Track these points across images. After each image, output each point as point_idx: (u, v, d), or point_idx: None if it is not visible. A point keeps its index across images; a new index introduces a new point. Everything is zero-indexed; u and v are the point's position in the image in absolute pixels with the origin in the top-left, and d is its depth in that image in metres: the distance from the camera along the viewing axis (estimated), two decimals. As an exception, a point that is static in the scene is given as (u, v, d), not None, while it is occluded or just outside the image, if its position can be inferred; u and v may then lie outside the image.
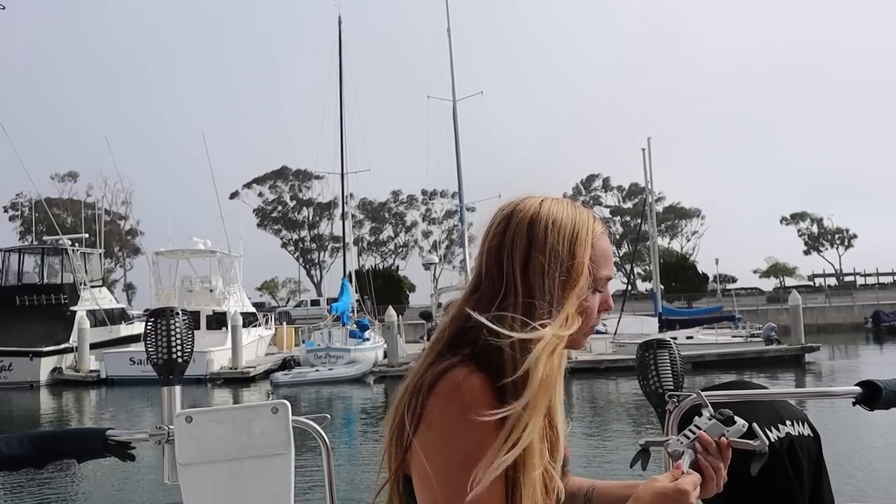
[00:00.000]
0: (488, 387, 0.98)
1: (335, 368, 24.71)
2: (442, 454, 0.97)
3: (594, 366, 23.45)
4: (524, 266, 1.05)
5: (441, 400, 0.98)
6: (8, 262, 30.40)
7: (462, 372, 0.99)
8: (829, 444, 1.43)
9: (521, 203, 1.11)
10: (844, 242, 70.74)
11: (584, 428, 13.96)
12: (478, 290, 1.09)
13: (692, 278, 56.93)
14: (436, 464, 0.97)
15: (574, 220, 1.09)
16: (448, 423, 0.97)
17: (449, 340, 1.07)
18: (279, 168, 71.08)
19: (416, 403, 1.01)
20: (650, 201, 33.83)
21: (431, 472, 0.97)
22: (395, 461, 1.04)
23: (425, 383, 1.01)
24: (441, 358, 1.04)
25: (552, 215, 1.08)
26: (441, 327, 1.10)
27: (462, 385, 0.98)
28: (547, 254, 1.05)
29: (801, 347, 25.73)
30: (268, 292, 68.75)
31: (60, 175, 65.30)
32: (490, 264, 1.08)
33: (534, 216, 1.08)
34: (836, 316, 45.58)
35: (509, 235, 1.07)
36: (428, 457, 0.98)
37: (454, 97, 34.98)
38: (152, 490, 8.99)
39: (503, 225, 1.09)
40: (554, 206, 1.10)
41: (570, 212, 1.10)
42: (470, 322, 1.05)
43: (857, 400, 1.53)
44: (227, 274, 31.70)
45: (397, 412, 1.05)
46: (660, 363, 1.67)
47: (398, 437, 1.03)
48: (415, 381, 1.04)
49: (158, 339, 1.72)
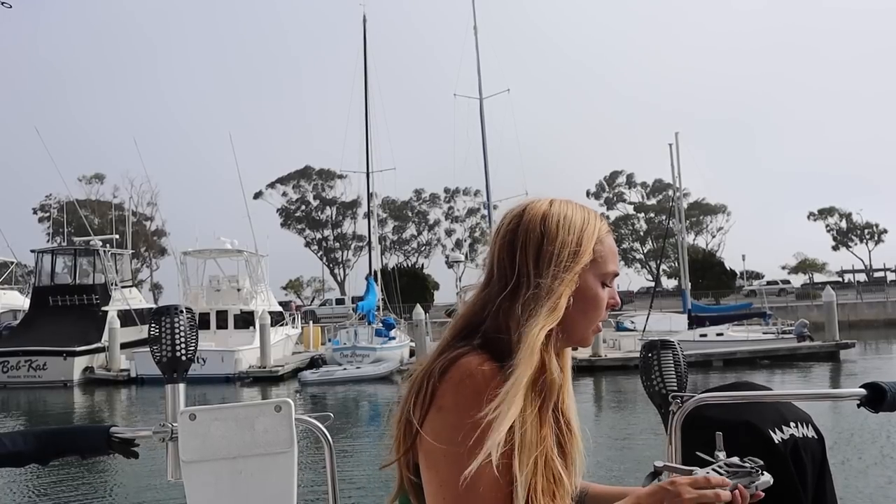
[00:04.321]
0: (498, 375, 1.03)
1: (362, 367, 24.82)
2: (451, 438, 1.00)
3: (623, 363, 23.36)
4: (536, 258, 1.10)
5: (453, 385, 1.02)
6: (41, 263, 31.03)
7: (475, 359, 1.04)
8: (834, 446, 1.39)
9: (531, 204, 1.17)
10: (874, 237, 69.27)
11: (612, 423, 13.88)
12: (489, 284, 1.14)
13: (720, 275, 56.16)
14: (445, 446, 1.00)
15: (583, 217, 1.15)
16: (459, 408, 1.00)
17: (460, 331, 1.12)
18: (302, 168, 71.58)
19: (427, 389, 1.05)
20: (678, 197, 33.47)
21: (440, 455, 1.00)
22: (404, 445, 1.08)
23: (436, 369, 1.05)
24: (452, 347, 1.09)
25: (562, 212, 1.14)
26: (454, 320, 1.15)
27: (475, 372, 1.02)
28: (558, 245, 1.10)
29: (836, 344, 25.33)
30: (293, 291, 69.34)
31: (87, 177, 66.57)
32: (503, 259, 1.13)
33: (545, 213, 1.14)
34: (868, 312, 44.67)
35: (522, 230, 1.13)
36: (437, 439, 1.01)
37: (481, 95, 35.00)
38: (156, 487, 9.07)
39: (515, 222, 1.15)
40: (563, 205, 1.16)
41: (578, 210, 1.17)
42: (481, 314, 1.11)
43: (861, 402, 1.51)
44: (253, 273, 31.96)
45: (408, 398, 1.09)
46: (663, 364, 1.65)
47: (408, 422, 1.07)
48: (426, 368, 1.08)
49: (163, 337, 1.74)
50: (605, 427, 13.49)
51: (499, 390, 1.00)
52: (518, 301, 1.08)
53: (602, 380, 21.39)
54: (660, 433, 1.60)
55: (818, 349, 25.30)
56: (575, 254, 1.10)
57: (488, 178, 34.66)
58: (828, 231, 70.48)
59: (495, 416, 0.98)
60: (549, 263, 1.09)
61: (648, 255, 71.29)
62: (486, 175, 34.66)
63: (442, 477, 1.00)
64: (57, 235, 49.34)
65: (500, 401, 0.99)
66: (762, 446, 1.44)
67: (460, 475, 0.97)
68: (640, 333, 26.49)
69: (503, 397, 0.99)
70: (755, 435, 1.44)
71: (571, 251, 1.10)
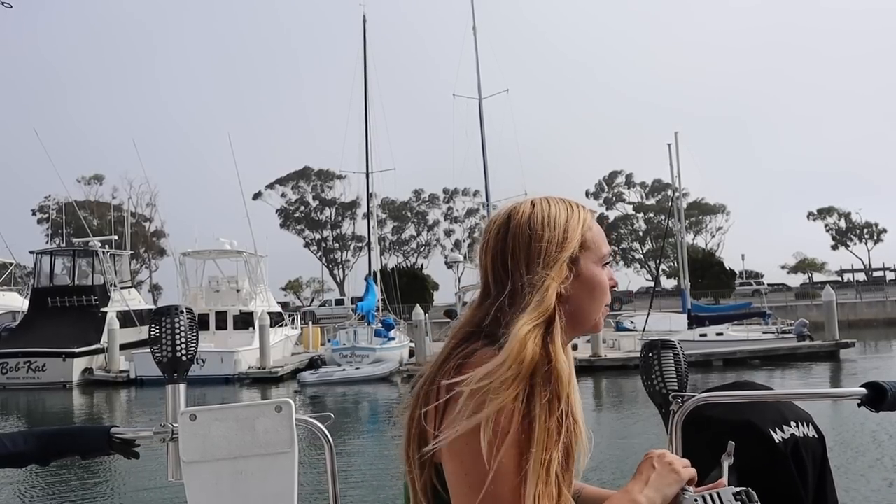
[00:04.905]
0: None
1: (361, 368, 24.81)
2: (470, 430, 1.00)
3: (623, 363, 23.36)
4: (527, 260, 1.12)
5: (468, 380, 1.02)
6: (40, 264, 31.02)
7: (489, 351, 1.05)
8: (834, 446, 1.39)
9: (514, 209, 1.18)
10: (873, 237, 69.33)
11: (612, 423, 13.88)
12: (488, 295, 1.15)
13: (719, 275, 56.19)
14: (464, 439, 1.00)
15: (566, 209, 1.17)
16: (475, 400, 1.01)
17: (462, 340, 1.12)
18: (301, 168, 71.62)
19: (441, 385, 1.06)
20: (677, 197, 33.48)
21: (459, 447, 1.01)
22: (421, 445, 1.08)
23: (451, 366, 1.07)
24: (464, 345, 1.10)
25: (546, 209, 1.16)
26: (453, 331, 1.16)
27: (487, 361, 1.03)
28: (545, 241, 1.12)
29: (836, 343, 25.36)
30: (292, 292, 69.34)
31: (86, 178, 66.60)
32: (497, 268, 1.14)
33: (530, 215, 1.15)
34: (867, 312, 44.73)
35: (511, 237, 1.14)
36: (456, 432, 1.01)
37: (480, 95, 34.99)
38: (156, 487, 9.08)
39: (504, 229, 1.16)
40: (544, 203, 1.18)
41: (561, 204, 1.18)
42: (482, 323, 1.12)
43: (862, 401, 1.51)
44: (253, 274, 31.97)
45: (419, 396, 1.10)
46: (664, 363, 1.65)
47: (420, 433, 1.08)
48: (438, 365, 1.10)
49: (163, 338, 1.74)
50: (606, 427, 13.50)
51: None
52: (517, 305, 1.09)
53: (602, 380, 21.40)
54: (660, 433, 1.60)
55: (818, 349, 25.33)
56: (561, 245, 1.12)
57: (487, 178, 34.70)
58: (827, 231, 70.63)
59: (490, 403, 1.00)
60: (538, 260, 1.11)
61: (648, 254, 71.34)
62: (486, 175, 34.68)
63: (465, 469, 1.01)
64: (56, 236, 49.26)
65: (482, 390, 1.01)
66: (763, 446, 1.44)
67: (482, 468, 0.99)
68: (639, 333, 26.51)
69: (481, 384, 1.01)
70: (756, 434, 1.44)
71: (558, 243, 1.12)
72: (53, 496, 9.81)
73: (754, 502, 1.15)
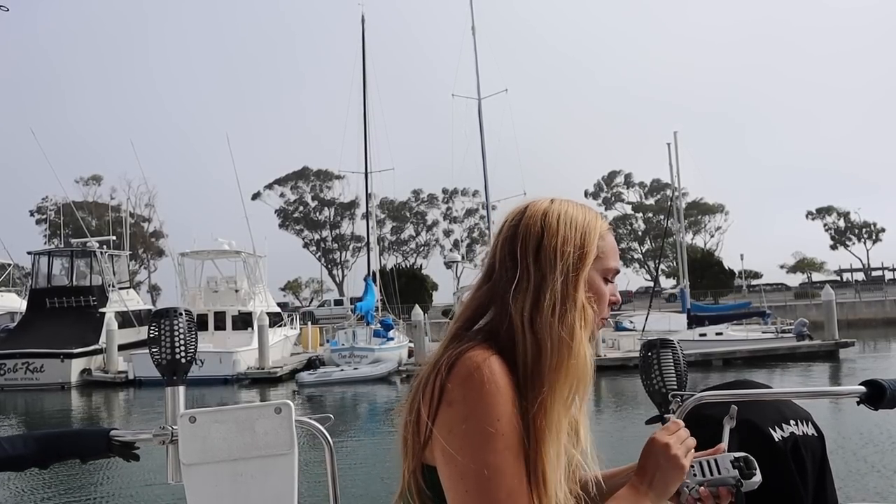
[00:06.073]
0: (505, 368, 1.05)
1: (360, 368, 24.79)
2: (464, 431, 1.01)
3: (623, 363, 23.36)
4: (536, 253, 1.12)
5: (461, 379, 1.03)
6: (38, 265, 30.99)
7: (481, 354, 1.05)
8: (834, 444, 1.39)
9: (533, 202, 1.20)
10: (872, 236, 69.36)
11: (612, 423, 13.88)
12: (490, 279, 1.16)
13: (718, 274, 56.20)
14: (458, 440, 1.01)
15: (584, 215, 1.18)
16: (468, 401, 1.02)
17: (462, 326, 1.14)
18: (300, 169, 71.56)
19: (435, 385, 1.06)
20: (676, 197, 33.49)
21: (454, 449, 1.01)
22: (415, 444, 1.09)
23: (443, 366, 1.06)
24: (456, 342, 1.11)
25: (563, 209, 1.17)
26: (456, 316, 1.17)
27: (482, 365, 1.03)
28: (559, 241, 1.12)
29: (836, 343, 25.39)
30: (291, 292, 69.28)
31: (85, 178, 66.50)
32: (504, 254, 1.15)
33: (546, 210, 1.17)
34: (866, 311, 44.75)
35: (523, 226, 1.15)
36: (451, 434, 1.02)
37: (479, 95, 34.99)
38: (156, 490, 9.06)
39: (517, 219, 1.17)
40: (563, 203, 1.19)
41: (579, 208, 1.19)
42: (485, 308, 1.14)
43: (861, 399, 1.51)
44: (251, 274, 31.92)
45: (416, 397, 1.10)
46: (663, 363, 1.65)
47: (416, 421, 1.08)
48: (432, 365, 1.10)
49: (162, 340, 1.73)
50: (605, 427, 13.49)
51: (507, 388, 1.03)
52: (524, 295, 1.10)
53: (602, 380, 21.38)
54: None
55: (817, 348, 25.35)
56: (581, 256, 1.13)
57: (486, 178, 34.70)
58: (826, 230, 70.65)
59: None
60: (553, 260, 1.11)
61: (647, 254, 71.33)
62: (485, 175, 34.68)
63: (461, 471, 1.01)
64: (54, 237, 49.25)
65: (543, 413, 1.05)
66: (762, 444, 1.44)
67: (480, 468, 0.99)
68: (639, 333, 26.51)
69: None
70: (755, 433, 1.45)
71: (577, 251, 1.12)
72: (53, 498, 9.80)
73: (753, 469, 1.16)
